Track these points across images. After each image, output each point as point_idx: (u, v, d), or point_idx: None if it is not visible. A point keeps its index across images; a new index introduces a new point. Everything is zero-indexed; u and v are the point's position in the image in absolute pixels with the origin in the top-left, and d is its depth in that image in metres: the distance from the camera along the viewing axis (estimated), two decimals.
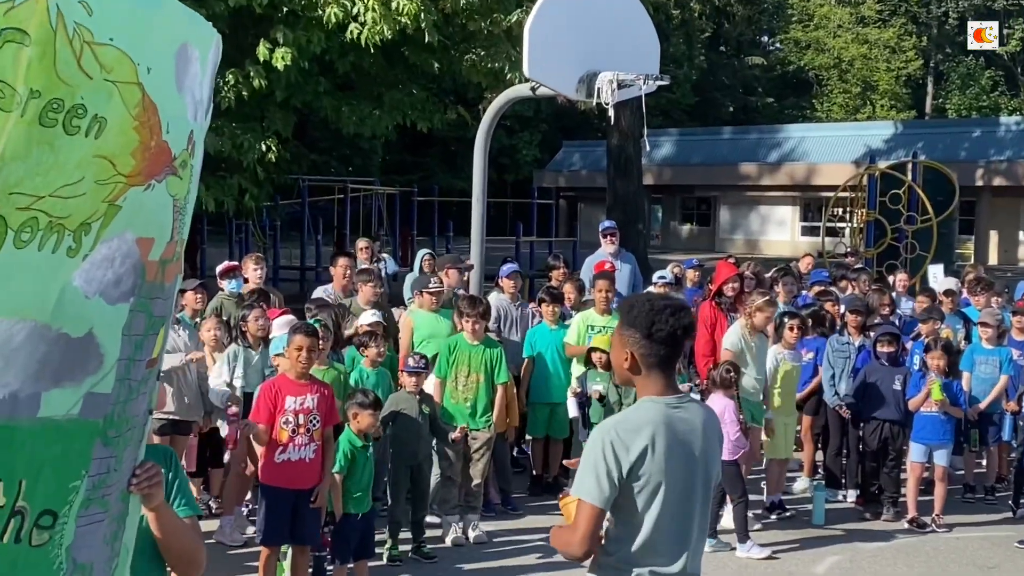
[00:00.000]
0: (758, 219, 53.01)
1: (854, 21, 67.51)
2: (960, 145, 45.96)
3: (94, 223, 2.92)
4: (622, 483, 4.16)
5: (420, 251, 14.86)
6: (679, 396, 4.36)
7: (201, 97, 3.28)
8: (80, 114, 2.78)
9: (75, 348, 3.00)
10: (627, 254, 15.27)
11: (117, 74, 2.84)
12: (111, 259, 3.01)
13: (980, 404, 11.34)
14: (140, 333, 3.21)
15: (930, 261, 25.06)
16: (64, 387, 3.00)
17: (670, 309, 4.31)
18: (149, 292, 3.18)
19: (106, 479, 3.21)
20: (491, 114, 12.60)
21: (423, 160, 58.14)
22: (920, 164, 28.47)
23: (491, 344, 10.15)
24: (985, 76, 67.01)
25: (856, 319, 11.60)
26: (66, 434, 3.04)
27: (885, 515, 10.75)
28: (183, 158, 3.17)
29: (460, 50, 18.63)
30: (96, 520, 3.20)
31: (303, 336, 7.93)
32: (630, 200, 33.61)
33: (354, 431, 8.20)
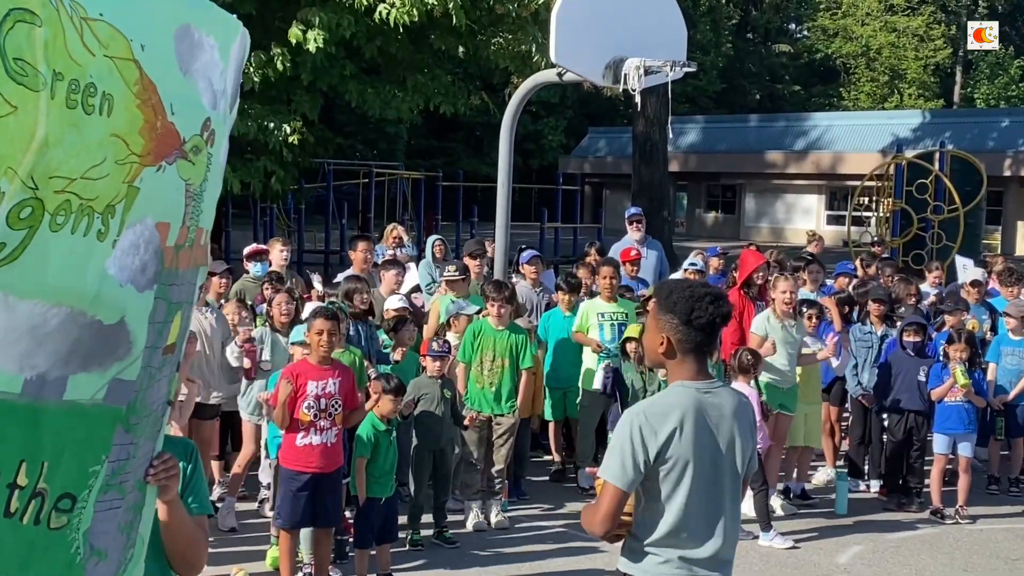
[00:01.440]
0: (783, 207, 52.81)
1: (882, 9, 67.11)
2: (988, 135, 45.64)
3: (118, 205, 2.94)
4: (648, 467, 4.23)
5: (431, 237, 14.84)
6: (710, 382, 4.41)
7: (224, 88, 3.31)
8: (92, 92, 2.80)
9: (107, 335, 3.03)
10: (653, 241, 15.26)
11: (113, 50, 2.86)
12: (137, 245, 3.04)
13: (1009, 394, 11.26)
14: (162, 320, 3.24)
15: (956, 251, 24.90)
16: (91, 372, 3.03)
17: (710, 297, 4.37)
18: (167, 279, 3.21)
19: (125, 465, 3.23)
20: (517, 99, 12.55)
21: (448, 145, 58.17)
22: (947, 154, 28.27)
23: (516, 329, 10.14)
24: (1014, 65, 66.53)
25: (879, 309, 11.54)
26: (90, 418, 3.07)
27: (908, 506, 10.71)
28: (195, 143, 3.19)
29: (487, 34, 18.57)
30: (114, 506, 3.22)
31: (323, 320, 7.93)
32: (655, 187, 33.54)
33: (376, 415, 8.22)
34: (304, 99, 19.34)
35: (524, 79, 17.24)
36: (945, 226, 26.42)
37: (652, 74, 11.61)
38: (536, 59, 17.35)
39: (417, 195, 33.34)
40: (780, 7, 60.22)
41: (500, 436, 9.93)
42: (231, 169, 18.16)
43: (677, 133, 44.60)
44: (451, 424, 9.29)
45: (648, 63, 11.42)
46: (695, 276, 13.07)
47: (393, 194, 32.77)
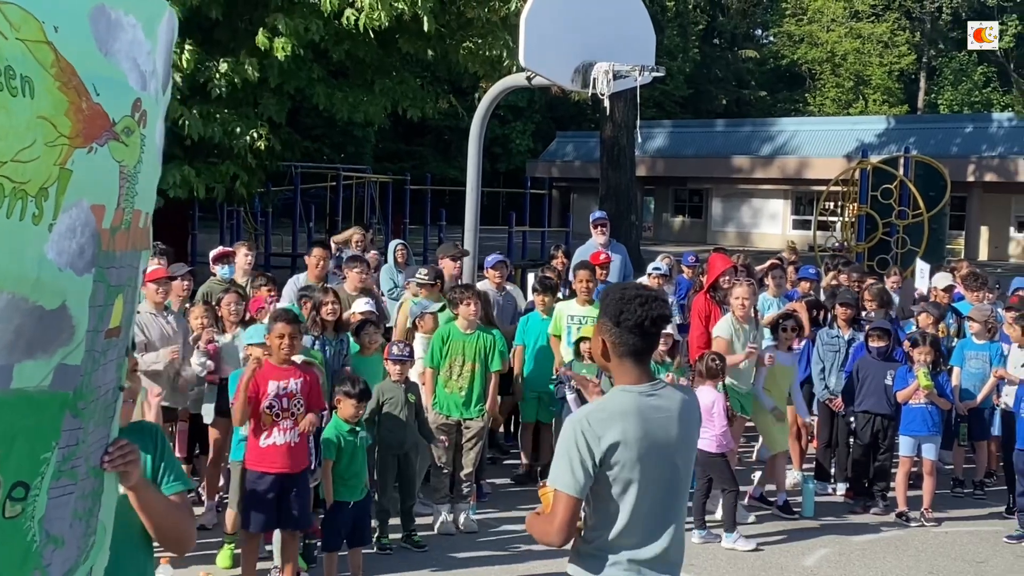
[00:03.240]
0: (750, 212, 53.07)
1: (847, 15, 67.59)
2: (952, 140, 46.04)
3: (51, 188, 2.94)
4: (596, 472, 4.22)
5: (393, 242, 14.79)
6: (653, 384, 4.38)
7: (153, 68, 3.31)
8: (11, 75, 2.79)
9: (49, 320, 3.02)
10: (618, 245, 15.28)
11: (25, 32, 2.84)
12: (73, 229, 3.03)
13: (975, 399, 11.35)
14: (101, 304, 3.23)
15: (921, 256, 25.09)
16: (37, 359, 3.02)
17: (640, 299, 4.33)
18: (104, 261, 3.20)
19: (75, 451, 3.23)
20: (486, 103, 12.58)
21: (416, 148, 58.12)
22: (912, 159, 28.50)
23: (485, 331, 10.15)
24: (978, 72, 67.14)
25: (846, 313, 11.62)
26: (37, 405, 3.06)
27: (875, 508, 10.78)
28: (126, 124, 3.19)
29: (457, 38, 18.57)
30: (67, 492, 3.22)
31: (284, 323, 7.94)
32: (623, 191, 33.67)
33: (340, 418, 8.21)
34: (271, 102, 19.27)
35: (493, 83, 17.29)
36: (910, 231, 26.64)
37: (621, 78, 11.68)
38: (507, 63, 17.36)
39: (385, 198, 33.30)
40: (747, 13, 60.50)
41: (469, 440, 9.93)
42: (195, 173, 18.10)
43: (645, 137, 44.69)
44: (415, 428, 9.27)
45: (617, 67, 11.48)
46: (658, 281, 13.11)
47: (361, 198, 32.69)
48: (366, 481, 8.35)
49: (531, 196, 35.43)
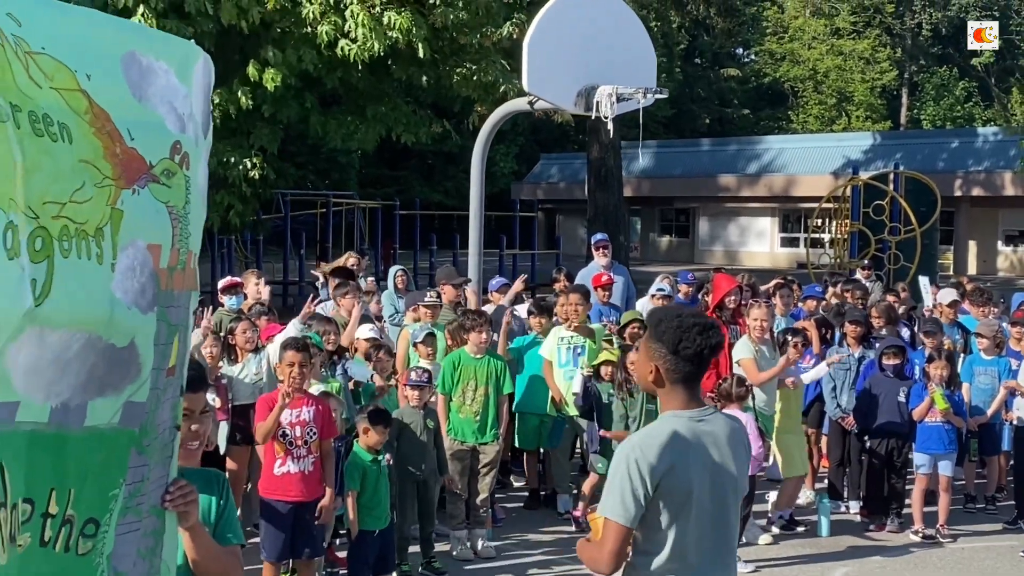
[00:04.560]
0: (737, 230, 53.18)
1: (829, 33, 67.97)
2: (938, 156, 46.28)
3: (105, 228, 3.00)
4: (648, 500, 4.18)
5: (392, 268, 14.79)
6: (702, 409, 4.37)
7: (191, 111, 3.36)
8: (49, 122, 2.84)
9: (120, 358, 3.08)
10: (620, 266, 15.28)
11: (58, 81, 2.90)
12: (133, 268, 3.09)
13: (985, 414, 11.34)
14: (164, 342, 3.30)
15: (914, 271, 25.19)
16: (107, 396, 3.08)
17: (698, 327, 4.29)
18: (165, 300, 3.25)
19: (140, 488, 3.29)
20: (488, 128, 12.60)
21: (401, 173, 58.11)
22: (901, 175, 28.63)
23: (495, 356, 10.12)
24: (959, 87, 67.53)
25: (856, 330, 11.60)
26: (108, 442, 3.12)
27: (890, 526, 10.75)
28: (166, 167, 3.24)
29: (450, 64, 18.60)
30: (132, 529, 3.27)
31: (294, 352, 7.93)
32: (611, 212, 33.65)
33: (363, 446, 8.17)
34: (264, 131, 19.28)
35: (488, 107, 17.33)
36: (902, 247, 26.73)
37: (624, 101, 11.67)
38: (503, 88, 17.38)
39: (374, 224, 33.29)
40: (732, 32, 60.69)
41: (484, 465, 9.89)
42: None
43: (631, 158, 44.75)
44: (434, 454, 9.23)
45: (620, 90, 11.47)
46: (662, 301, 13.09)
47: (350, 224, 32.68)
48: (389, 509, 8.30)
49: (520, 219, 35.45)
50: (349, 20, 16.03)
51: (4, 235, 2.71)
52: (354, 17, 15.89)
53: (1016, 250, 47.48)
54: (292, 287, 27.85)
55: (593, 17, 12.01)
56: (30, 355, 2.80)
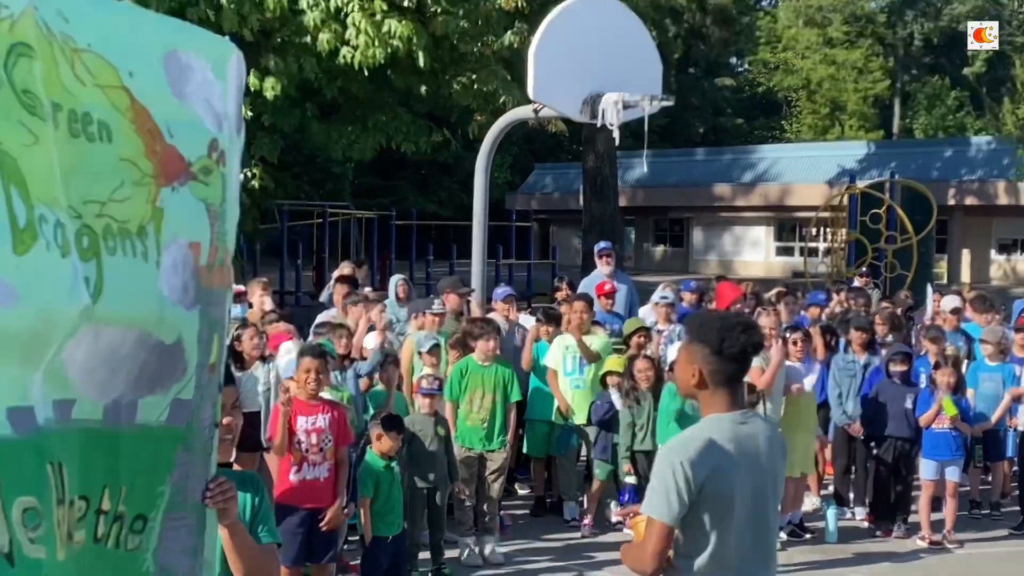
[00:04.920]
0: (732, 240, 53.21)
1: (822, 43, 68.11)
2: (932, 165, 46.36)
3: (148, 226, 3.03)
4: (692, 501, 4.18)
5: (393, 277, 14.79)
6: (744, 412, 4.39)
7: (226, 110, 3.38)
8: (89, 121, 2.87)
9: (168, 355, 3.12)
10: (623, 275, 15.29)
11: (102, 79, 2.92)
12: (176, 265, 3.12)
13: (990, 420, 11.36)
14: (206, 339, 3.33)
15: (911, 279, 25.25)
16: (156, 394, 3.12)
17: (741, 326, 4.34)
18: (205, 298, 3.28)
19: (185, 484, 3.32)
20: (492, 137, 12.62)
21: (395, 184, 58.07)
22: (897, 184, 28.69)
23: (502, 363, 10.13)
24: (951, 96, 67.71)
25: (862, 337, 11.62)
26: (157, 440, 3.16)
27: (896, 532, 10.78)
28: (204, 164, 3.26)
29: (450, 73, 18.62)
30: (178, 525, 3.30)
31: (311, 358, 7.96)
32: (607, 222, 33.68)
33: (376, 453, 8.17)
34: (264, 141, 19.27)
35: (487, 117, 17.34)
36: (899, 255, 26.75)
37: (629, 108, 11.70)
38: (503, 99, 17.39)
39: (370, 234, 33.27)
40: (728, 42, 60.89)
41: (492, 472, 9.90)
42: None
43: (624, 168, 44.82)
44: (444, 461, 9.24)
45: (627, 97, 11.50)
46: (666, 310, 13.11)
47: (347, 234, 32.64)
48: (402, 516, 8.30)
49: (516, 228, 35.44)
50: (350, 28, 16.04)
51: (55, 233, 2.73)
52: (355, 24, 15.89)
53: (1009, 259, 47.58)
54: (288, 297, 27.81)
55: (598, 25, 12.04)
56: (86, 353, 2.83)
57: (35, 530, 2.74)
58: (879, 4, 70.58)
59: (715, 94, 70.08)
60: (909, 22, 70.61)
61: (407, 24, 15.96)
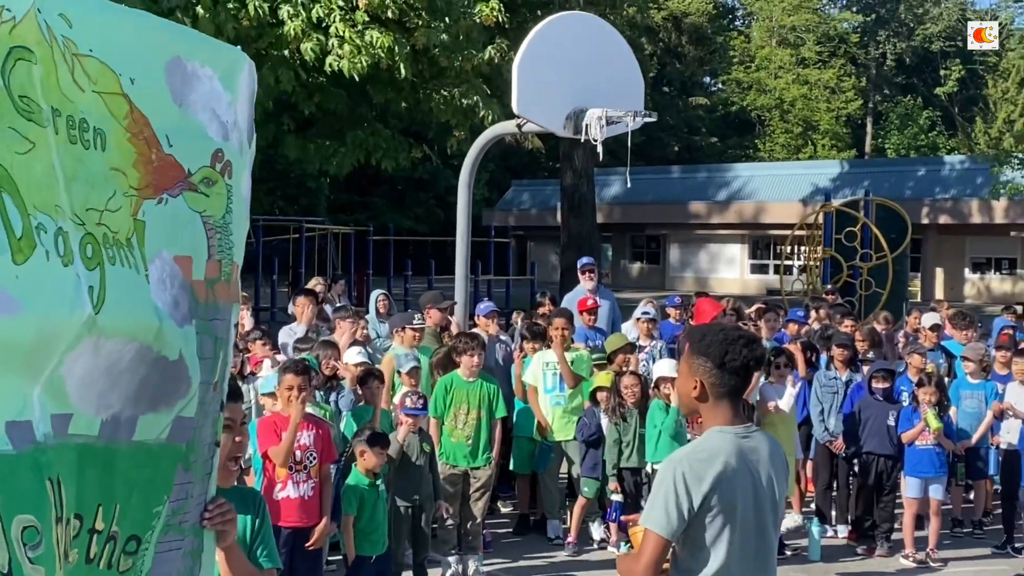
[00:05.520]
0: (707, 257, 53.38)
1: (795, 63, 68.50)
2: (905, 183, 46.65)
3: (133, 239, 2.95)
4: (692, 515, 4.14)
5: (374, 292, 14.73)
6: (746, 426, 4.37)
7: (235, 119, 3.32)
8: (85, 128, 2.81)
9: (171, 372, 3.04)
10: (606, 290, 15.24)
11: (102, 85, 2.87)
12: (163, 280, 3.04)
13: (971, 438, 11.35)
14: (210, 356, 3.25)
15: (886, 297, 25.36)
16: (159, 411, 3.04)
17: (743, 340, 4.32)
18: (207, 313, 3.20)
19: (184, 505, 3.24)
20: (475, 151, 12.57)
21: (370, 199, 58.01)
22: (872, 202, 28.80)
23: (488, 379, 10.07)
24: (923, 116, 68.17)
25: (843, 354, 11.62)
26: (155, 458, 3.07)
27: (879, 550, 10.75)
28: (205, 175, 3.20)
29: (430, 87, 18.58)
30: (174, 548, 3.21)
31: (294, 375, 7.86)
32: (584, 238, 33.74)
33: (361, 471, 8.08)
34: None
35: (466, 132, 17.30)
36: (874, 273, 26.84)
37: (613, 124, 11.68)
38: (484, 113, 17.36)
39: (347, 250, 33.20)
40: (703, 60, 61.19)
41: (477, 490, 9.82)
42: None
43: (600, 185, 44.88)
44: (429, 479, 9.15)
45: (610, 113, 11.48)
46: (648, 325, 13.10)
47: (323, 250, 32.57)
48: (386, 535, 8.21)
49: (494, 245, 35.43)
50: (332, 38, 15.98)
51: (56, 242, 2.66)
52: (338, 34, 15.82)
53: (983, 277, 47.89)
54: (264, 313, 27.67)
55: (582, 40, 12.03)
56: (85, 366, 2.76)
57: (34, 549, 2.66)
58: (852, 24, 71.07)
59: (689, 113, 70.37)
60: (881, 42, 71.16)
61: (388, 35, 15.91)
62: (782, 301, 26.35)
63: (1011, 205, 42.51)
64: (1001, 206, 43.33)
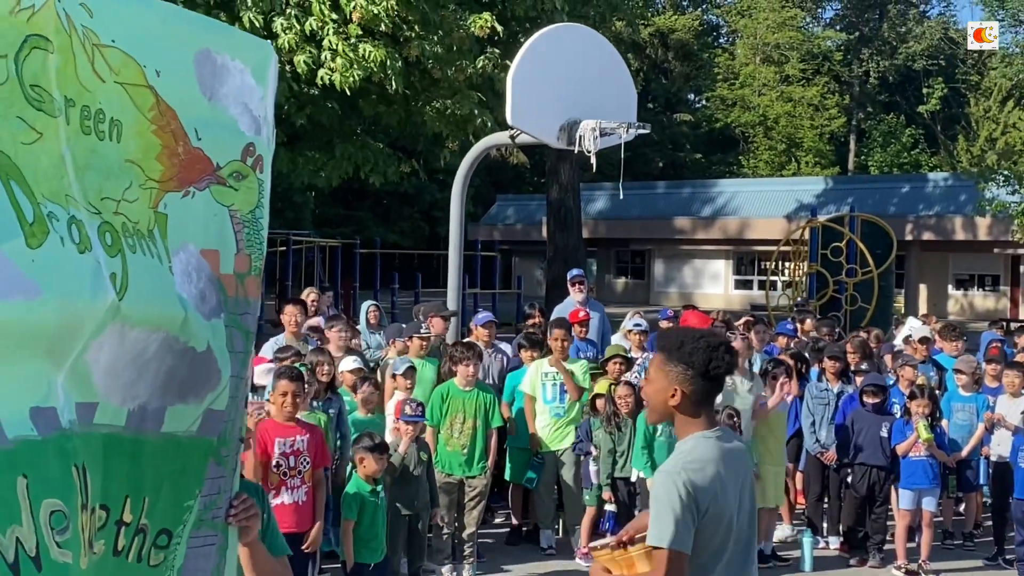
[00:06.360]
0: (692, 272, 53.49)
1: (779, 80, 68.72)
2: (889, 200, 46.82)
3: (154, 231, 2.94)
4: (697, 524, 4.02)
5: (364, 303, 14.70)
6: (721, 428, 4.32)
7: (264, 114, 3.31)
8: (101, 119, 2.80)
9: (200, 363, 3.02)
10: (595, 302, 15.26)
11: (124, 76, 2.85)
12: (187, 273, 3.02)
13: (962, 451, 11.39)
14: (242, 350, 3.23)
15: (872, 312, 25.45)
16: (188, 403, 3.02)
17: (724, 347, 4.24)
18: (237, 307, 3.19)
19: (216, 500, 3.21)
20: (468, 162, 12.62)
21: (356, 213, 57.99)
22: (857, 218, 28.89)
23: (484, 389, 10.09)
24: (906, 134, 68.43)
25: (835, 366, 11.66)
26: (185, 451, 3.05)
27: (871, 561, 10.78)
28: (235, 168, 3.19)
29: (423, 99, 18.60)
30: (208, 543, 3.19)
31: (288, 381, 7.89)
32: (570, 252, 33.76)
33: (361, 476, 8.08)
34: None
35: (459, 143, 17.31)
36: (859, 288, 26.93)
37: (606, 135, 11.73)
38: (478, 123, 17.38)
39: (334, 263, 33.17)
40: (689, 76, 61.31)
41: (472, 499, 9.83)
42: None
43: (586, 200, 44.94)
44: (427, 487, 9.15)
45: (603, 124, 11.53)
46: (639, 338, 13.12)
47: (311, 262, 32.53)
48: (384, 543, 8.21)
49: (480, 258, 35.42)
50: (325, 51, 16.00)
51: (69, 230, 2.64)
52: (331, 47, 15.84)
53: (967, 294, 48.10)
54: None
55: (575, 52, 12.08)
56: (111, 354, 2.74)
57: (61, 534, 2.65)
58: (835, 42, 71.36)
59: (673, 129, 70.52)
60: (865, 60, 71.45)
61: (381, 49, 15.94)
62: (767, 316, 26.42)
63: (994, 222, 42.71)
64: (984, 223, 43.55)
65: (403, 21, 16.35)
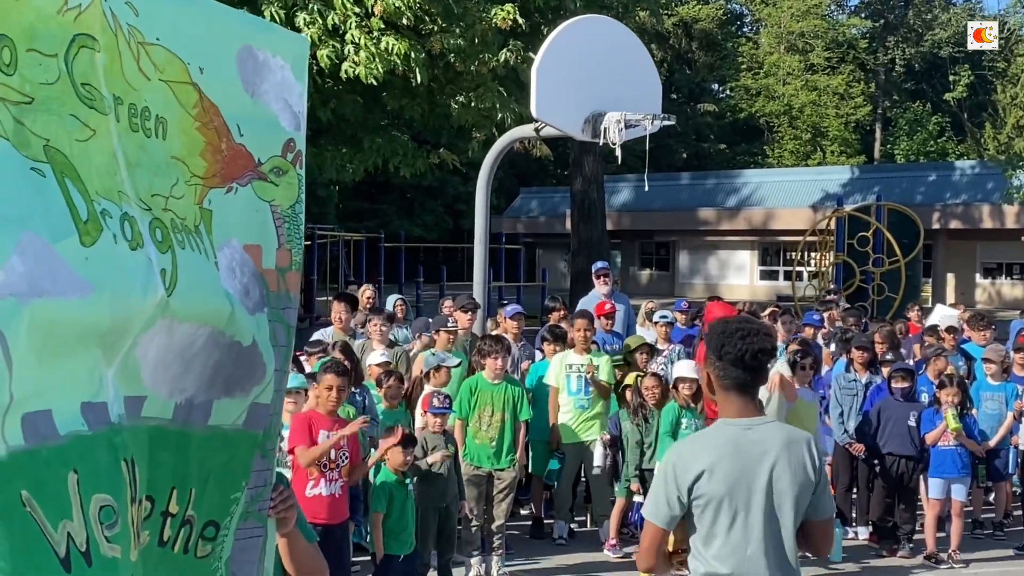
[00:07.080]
0: (717, 263, 53.41)
1: (803, 69, 68.43)
2: (916, 189, 46.61)
3: (200, 227, 2.97)
4: (682, 505, 4.29)
5: (390, 297, 14.69)
6: (754, 418, 4.38)
7: (302, 109, 3.35)
8: (147, 116, 2.83)
9: (246, 357, 3.05)
10: (620, 294, 15.23)
11: (169, 73, 2.88)
12: (232, 268, 3.06)
13: (991, 440, 11.33)
14: (285, 344, 3.27)
15: (899, 302, 25.34)
16: (234, 396, 3.06)
17: (741, 332, 4.32)
18: (279, 302, 3.23)
19: (263, 492, 3.25)
20: (494, 155, 12.62)
21: (379, 207, 58.09)
22: (884, 207, 28.80)
23: (512, 382, 10.10)
24: (932, 122, 68.07)
25: (863, 356, 11.61)
26: (231, 444, 3.09)
27: (901, 551, 10.75)
28: (276, 164, 3.22)
29: (446, 92, 18.61)
30: (255, 535, 3.23)
31: (334, 375, 7.93)
32: (594, 245, 33.72)
33: (390, 469, 8.12)
34: None
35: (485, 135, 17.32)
36: (886, 278, 26.85)
37: (631, 127, 11.71)
38: (501, 116, 17.39)
39: (359, 257, 33.28)
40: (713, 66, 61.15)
41: (500, 491, 9.84)
42: None
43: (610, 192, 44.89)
44: (455, 480, 9.17)
45: (628, 116, 11.51)
46: (665, 328, 13.13)
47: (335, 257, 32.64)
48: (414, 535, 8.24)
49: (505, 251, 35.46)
50: (348, 44, 16.02)
51: (121, 227, 2.67)
52: (354, 41, 15.86)
53: (994, 282, 47.86)
54: None
55: (600, 44, 12.07)
56: (159, 349, 2.78)
57: (111, 528, 2.67)
58: (860, 30, 71.03)
59: (698, 120, 70.33)
60: (890, 48, 71.08)
61: (404, 42, 15.96)
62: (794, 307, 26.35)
63: (1022, 210, 42.48)
64: (1012, 211, 43.31)
65: (425, 13, 16.36)
